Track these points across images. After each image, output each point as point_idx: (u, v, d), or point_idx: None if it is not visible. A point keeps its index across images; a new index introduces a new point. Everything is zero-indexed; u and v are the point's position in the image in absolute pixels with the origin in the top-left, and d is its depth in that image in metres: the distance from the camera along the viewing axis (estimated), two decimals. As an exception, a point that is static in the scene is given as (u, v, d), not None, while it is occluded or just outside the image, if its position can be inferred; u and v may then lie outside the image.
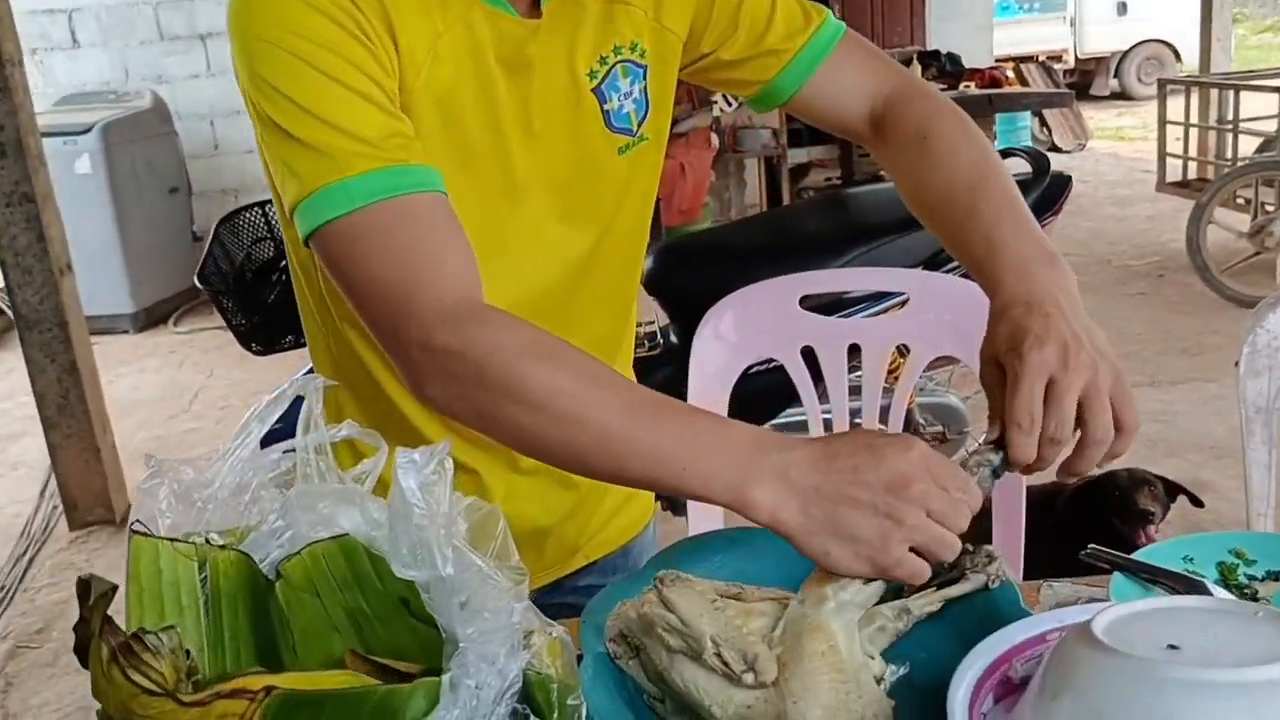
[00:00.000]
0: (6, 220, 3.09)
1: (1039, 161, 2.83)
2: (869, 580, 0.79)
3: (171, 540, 0.76)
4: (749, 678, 0.79)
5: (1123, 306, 5.35)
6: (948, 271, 2.67)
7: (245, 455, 0.86)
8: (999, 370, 0.90)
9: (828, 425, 1.84)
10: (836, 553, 0.78)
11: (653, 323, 2.86)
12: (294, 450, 0.89)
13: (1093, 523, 2.42)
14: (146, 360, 5.67)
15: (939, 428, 3.01)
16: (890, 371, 1.84)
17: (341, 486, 0.82)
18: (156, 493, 0.81)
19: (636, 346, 2.85)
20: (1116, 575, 0.96)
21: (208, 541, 0.78)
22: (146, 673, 0.59)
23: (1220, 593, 0.92)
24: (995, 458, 0.86)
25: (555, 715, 0.76)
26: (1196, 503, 2.53)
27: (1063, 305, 0.90)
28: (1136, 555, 0.98)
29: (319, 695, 0.64)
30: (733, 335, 1.80)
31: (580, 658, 0.86)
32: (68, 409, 3.32)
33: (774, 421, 2.78)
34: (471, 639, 0.71)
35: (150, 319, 6.27)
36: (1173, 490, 2.51)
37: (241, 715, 0.61)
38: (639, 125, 1.09)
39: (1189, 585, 0.93)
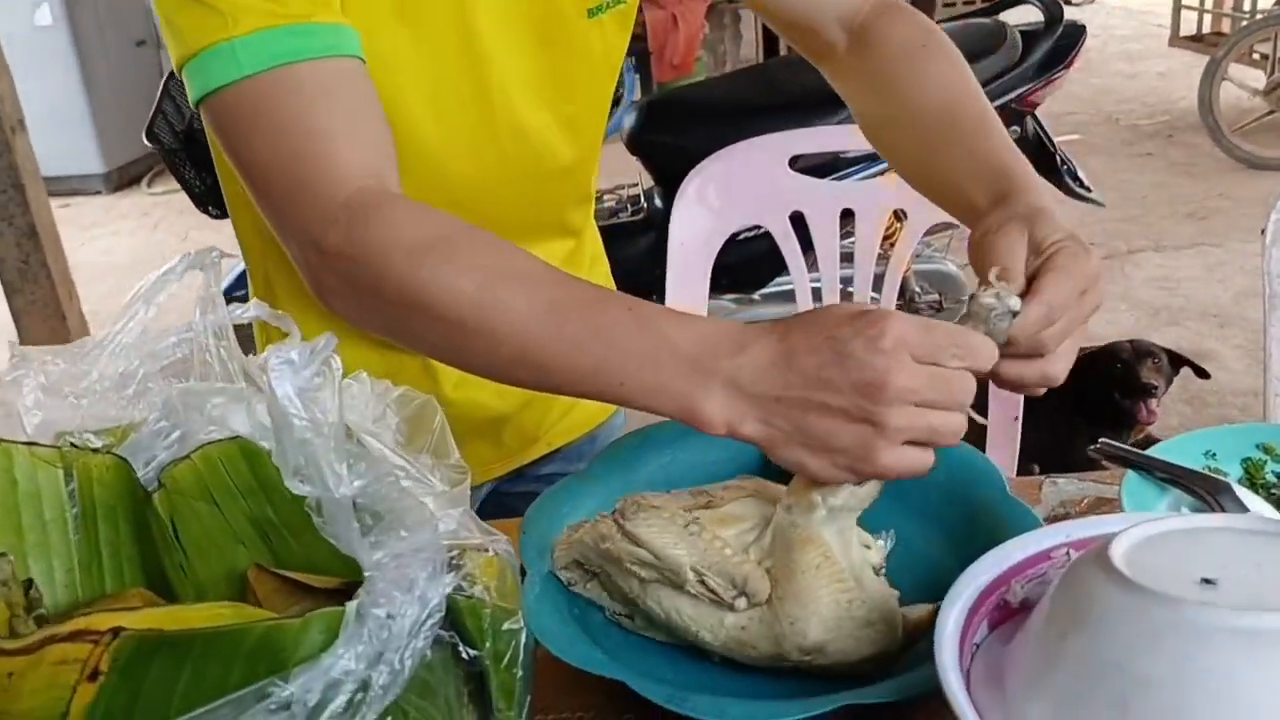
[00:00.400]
0: (-50, 75, 2.90)
1: (1052, 10, 2.64)
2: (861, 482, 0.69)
3: (29, 444, 0.65)
4: (741, 602, 0.69)
5: (1128, 168, 5.17)
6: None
7: (129, 342, 0.75)
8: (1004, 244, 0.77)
9: (817, 295, 1.72)
10: (814, 463, 0.66)
11: (635, 185, 2.71)
12: (189, 334, 0.77)
13: (1093, 396, 2.33)
14: (120, 223, 5.49)
15: (935, 296, 2.89)
16: (886, 238, 1.71)
17: (232, 386, 0.70)
18: (20, 386, 0.70)
19: (618, 211, 2.71)
20: (1129, 474, 0.85)
21: (74, 445, 0.66)
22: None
23: (1245, 494, 0.82)
24: (1013, 300, 0.72)
25: (489, 643, 0.66)
26: (1201, 374, 2.43)
27: None
28: (1153, 450, 0.88)
29: (183, 635, 0.54)
30: (716, 199, 1.66)
31: (524, 572, 0.76)
32: (29, 274, 3.18)
33: (762, 291, 2.66)
34: (382, 564, 0.60)
35: (123, 179, 6.05)
36: (1176, 362, 2.41)
37: (84, 662, 0.50)
38: None
39: (1211, 486, 0.82)
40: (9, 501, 0.63)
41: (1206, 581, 0.54)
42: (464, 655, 0.65)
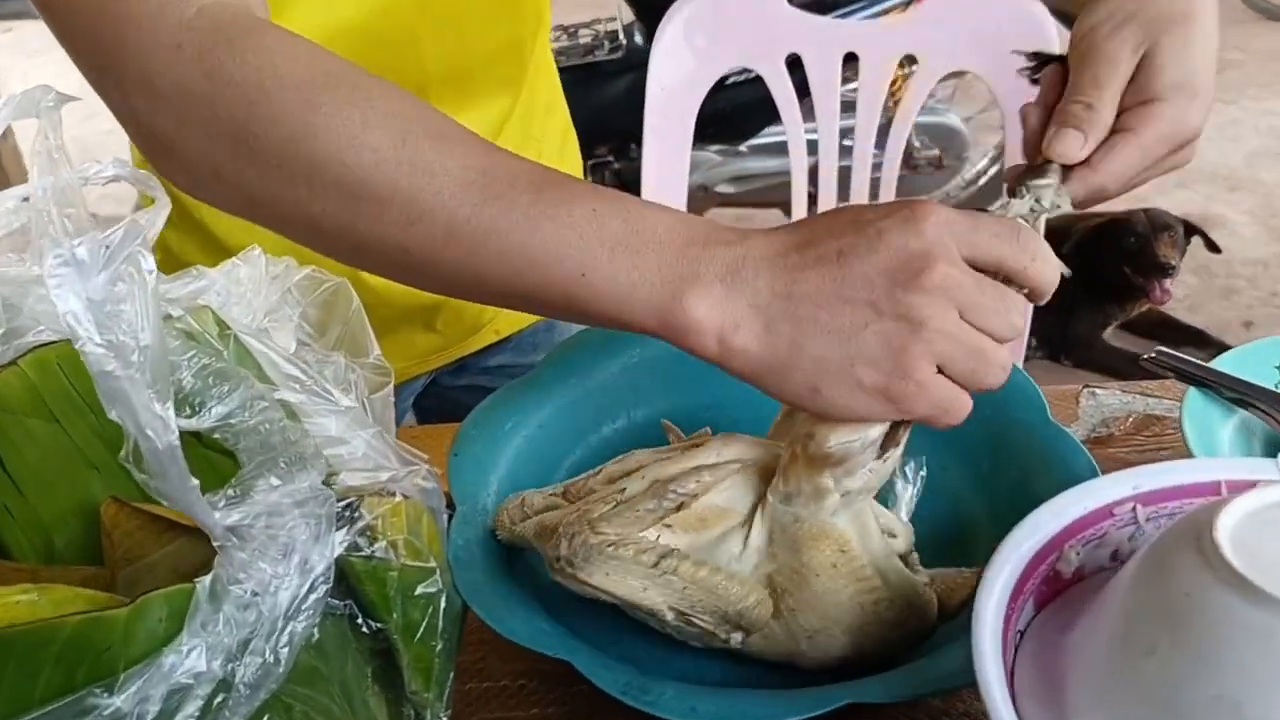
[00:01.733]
0: None
1: None
2: (890, 429, 0.52)
3: None
4: (737, 636, 0.55)
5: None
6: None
7: (-63, 210, 0.58)
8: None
9: (812, 148, 1.55)
10: (829, 389, 0.50)
11: (614, 20, 2.47)
12: (26, 200, 0.60)
13: (1103, 270, 2.17)
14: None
15: (935, 151, 2.69)
16: (891, 87, 1.52)
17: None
18: None
19: (594, 49, 2.48)
20: (1191, 392, 0.71)
21: None
22: None
23: (1335, 422, 0.68)
24: (1061, 188, 0.58)
25: (397, 613, 0.52)
26: (1213, 248, 2.28)
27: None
28: (1217, 362, 0.73)
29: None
30: (702, 38, 1.46)
31: (451, 511, 0.61)
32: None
33: (751, 142, 2.46)
34: (243, 527, 0.45)
35: (72, 1, 5.66)
36: (1189, 231, 2.25)
37: None
38: None
39: (1290, 410, 0.68)
40: None
41: (1357, 589, 0.40)
42: (365, 629, 0.51)
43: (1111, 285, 2.18)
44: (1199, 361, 0.73)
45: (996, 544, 0.50)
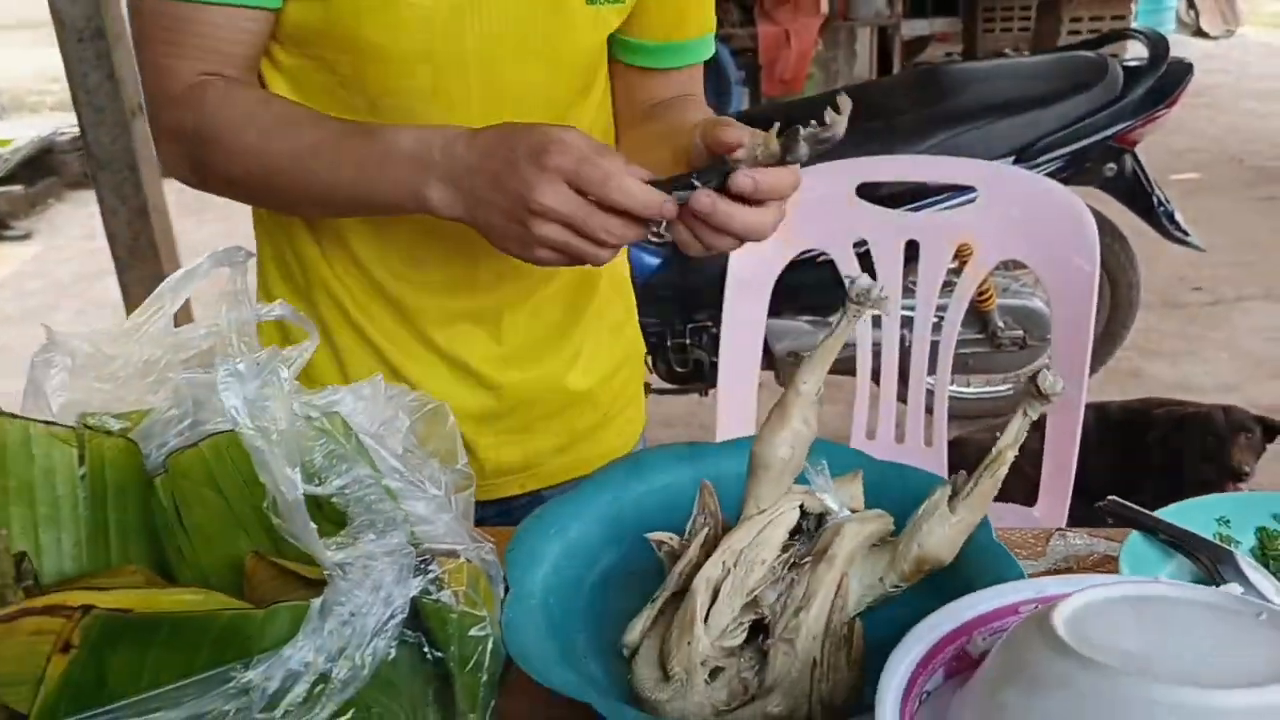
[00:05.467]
0: (78, 56, 3.06)
1: (1156, 46, 2.57)
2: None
3: (48, 424, 0.69)
4: None
5: (1247, 210, 4.98)
6: (1036, 166, 2.46)
7: (155, 331, 0.79)
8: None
9: (876, 323, 1.71)
10: (498, 239, 0.85)
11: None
12: (216, 328, 0.82)
13: (1185, 465, 2.25)
14: (231, 205, 5.68)
15: (1019, 332, 2.83)
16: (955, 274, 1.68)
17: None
18: (49, 368, 0.75)
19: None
20: (1133, 536, 0.84)
21: (89, 427, 0.71)
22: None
23: (1251, 566, 0.80)
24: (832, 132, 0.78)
25: (454, 647, 0.69)
26: (1292, 450, 2.33)
27: None
28: (1164, 512, 0.86)
29: (151, 618, 0.57)
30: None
31: (507, 589, 0.78)
32: (139, 252, 3.33)
33: (813, 317, 2.64)
34: (347, 564, 0.63)
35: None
36: (1271, 431, 2.32)
37: (58, 635, 0.54)
38: None
39: (1214, 554, 0.80)
40: (25, 475, 0.68)
41: (1143, 653, 0.54)
42: (429, 656, 0.68)
43: (1194, 479, 2.24)
44: (1143, 510, 0.86)
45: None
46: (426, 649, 0.67)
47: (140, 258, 3.35)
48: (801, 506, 0.79)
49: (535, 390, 1.11)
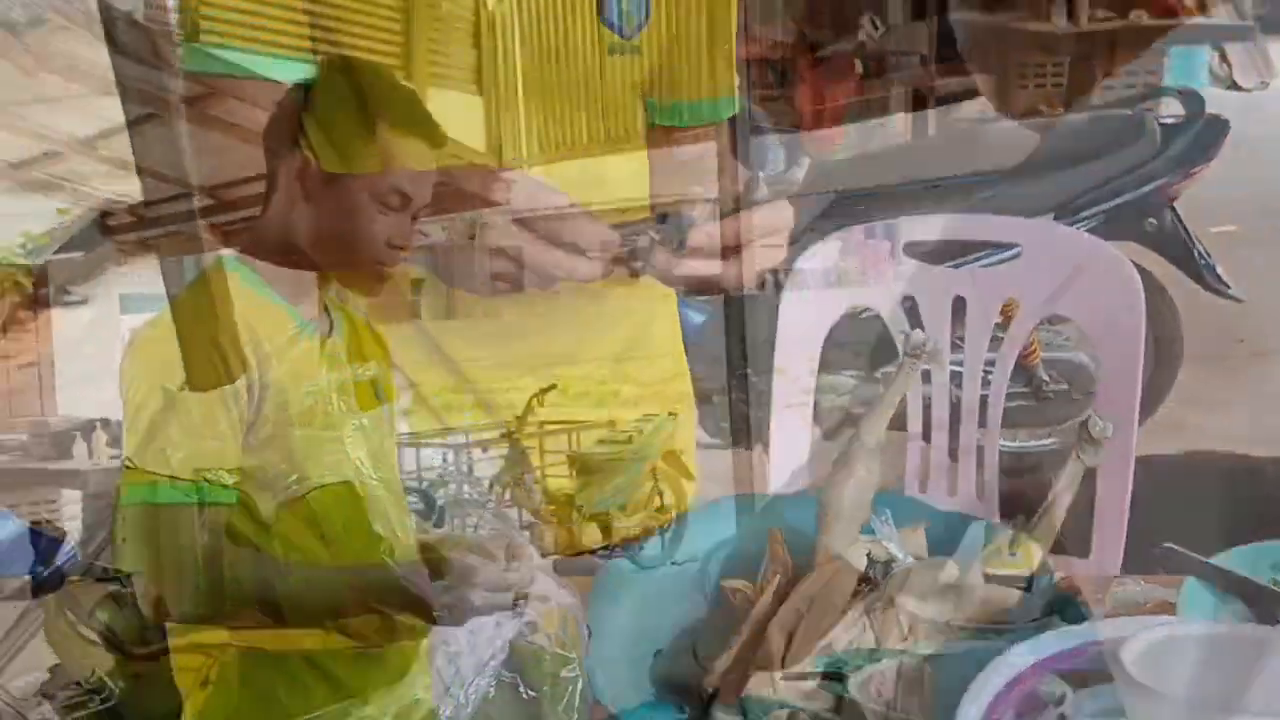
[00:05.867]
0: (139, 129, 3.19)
1: (1192, 103, 2.61)
2: None
3: (170, 478, 0.75)
4: None
5: (1289, 268, 4.96)
6: (1075, 223, 2.50)
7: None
8: None
9: (925, 378, 1.74)
10: None
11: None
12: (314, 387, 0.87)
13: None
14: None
15: (1064, 386, 2.84)
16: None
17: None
18: (168, 426, 0.80)
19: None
20: (1189, 582, 0.87)
21: (208, 480, 0.76)
22: (92, 625, 0.58)
23: (1308, 610, 0.82)
24: None
25: (547, 686, 0.73)
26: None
27: None
28: (1220, 559, 0.89)
29: (282, 655, 0.62)
30: (826, 278, 1.71)
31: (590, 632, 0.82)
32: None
33: (884, 369, 2.67)
34: (453, 608, 0.68)
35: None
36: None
37: (198, 671, 0.59)
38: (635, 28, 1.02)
39: (1270, 600, 0.83)
40: (150, 525, 0.74)
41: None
42: (524, 695, 0.72)
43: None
44: (1199, 557, 0.88)
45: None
46: (521, 688, 0.72)
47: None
48: (869, 554, 0.83)
49: None
